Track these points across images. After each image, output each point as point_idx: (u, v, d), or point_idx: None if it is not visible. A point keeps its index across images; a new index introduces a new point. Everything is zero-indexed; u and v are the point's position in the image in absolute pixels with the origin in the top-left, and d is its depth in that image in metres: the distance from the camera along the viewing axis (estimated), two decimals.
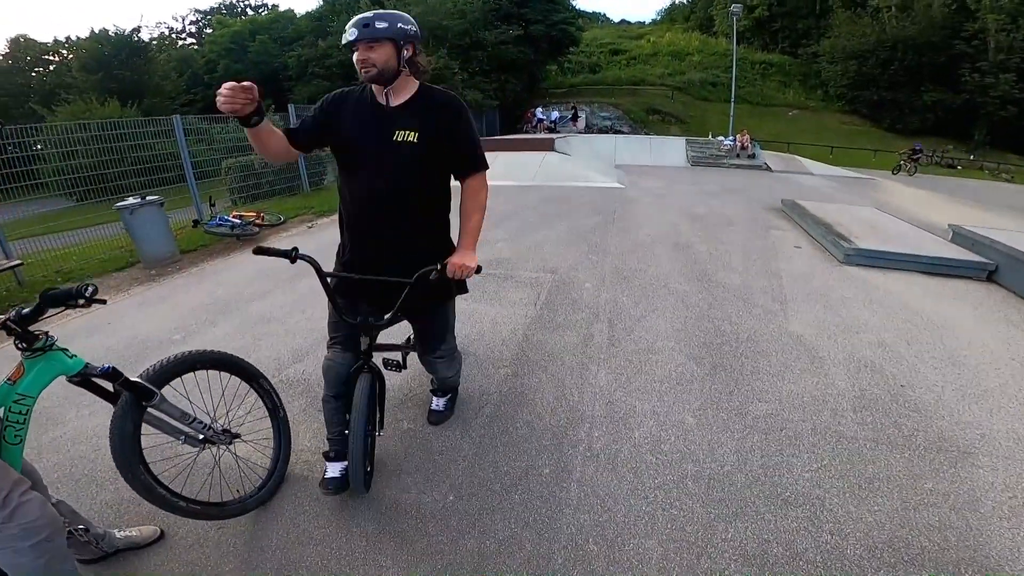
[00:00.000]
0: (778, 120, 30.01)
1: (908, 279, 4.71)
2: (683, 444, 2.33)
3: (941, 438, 2.40)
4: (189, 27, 48.17)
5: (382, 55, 1.69)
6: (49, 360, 1.48)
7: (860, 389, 2.82)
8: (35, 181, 6.66)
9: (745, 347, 3.29)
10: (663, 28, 44.99)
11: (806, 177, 14.32)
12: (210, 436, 1.84)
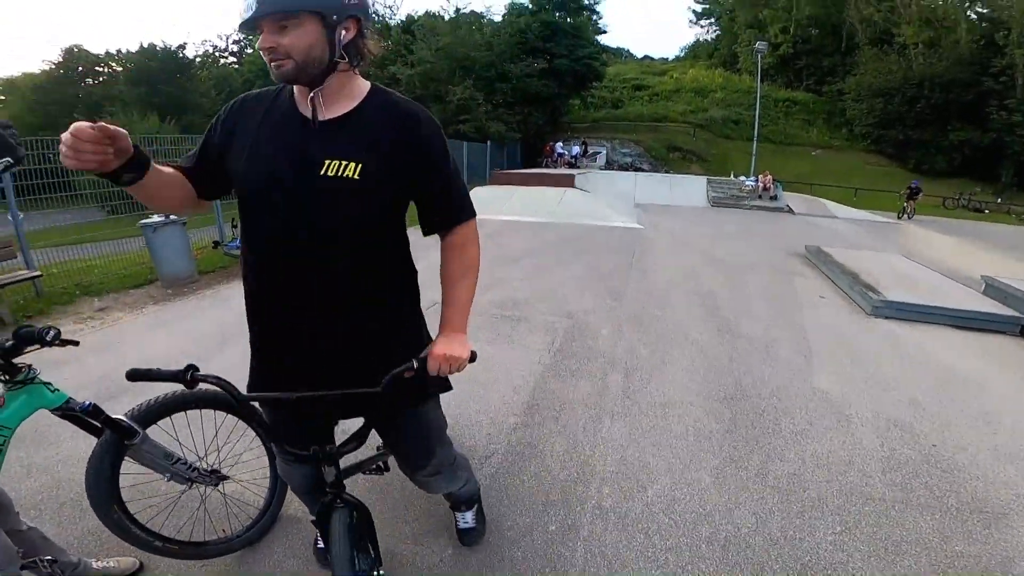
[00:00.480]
0: (801, 160, 29.90)
1: (939, 333, 4.57)
2: (698, 504, 2.22)
3: (974, 499, 2.33)
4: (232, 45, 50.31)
5: (300, 39, 1.06)
6: (30, 393, 1.47)
7: (890, 449, 2.72)
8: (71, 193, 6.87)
9: (767, 403, 3.15)
10: (686, 64, 45.60)
11: (830, 220, 14.13)
12: (195, 477, 1.78)
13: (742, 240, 9.26)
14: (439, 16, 29.34)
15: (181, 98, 28.96)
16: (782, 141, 31.82)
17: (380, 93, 1.22)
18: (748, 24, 39.86)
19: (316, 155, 1.13)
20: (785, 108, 35.33)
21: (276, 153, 1.15)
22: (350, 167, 1.13)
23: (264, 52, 1.07)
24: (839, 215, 15.35)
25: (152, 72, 28.57)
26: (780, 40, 37.26)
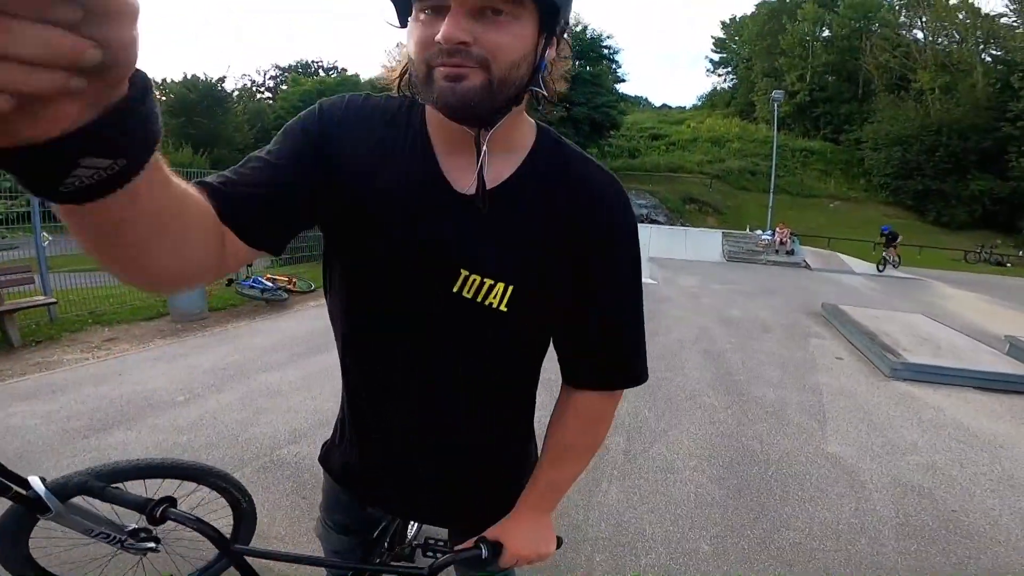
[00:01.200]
0: (818, 212, 29.78)
1: (961, 395, 4.40)
2: (704, 568, 2.12)
3: (996, 565, 2.27)
4: (268, 81, 52.63)
5: (515, 39, 0.61)
6: None
7: (905, 515, 2.60)
8: None
9: (775, 469, 3.01)
10: (703, 113, 46.45)
11: (847, 276, 13.94)
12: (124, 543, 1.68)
13: (757, 298, 9.12)
14: None
15: (215, 131, 29.91)
16: (799, 192, 31.81)
17: (548, 143, 0.78)
18: (765, 72, 40.69)
19: (451, 255, 0.71)
20: (802, 158, 35.47)
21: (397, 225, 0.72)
22: (496, 290, 0.71)
23: (435, 53, 0.60)
24: (857, 270, 15.14)
25: (191, 103, 29.60)
26: (797, 88, 37.81)
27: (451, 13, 0.58)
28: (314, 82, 43.68)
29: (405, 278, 0.73)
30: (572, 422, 0.85)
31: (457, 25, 0.57)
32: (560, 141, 0.79)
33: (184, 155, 21.40)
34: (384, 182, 0.71)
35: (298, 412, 3.43)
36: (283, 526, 2.26)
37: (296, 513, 2.37)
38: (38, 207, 5.70)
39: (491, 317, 0.72)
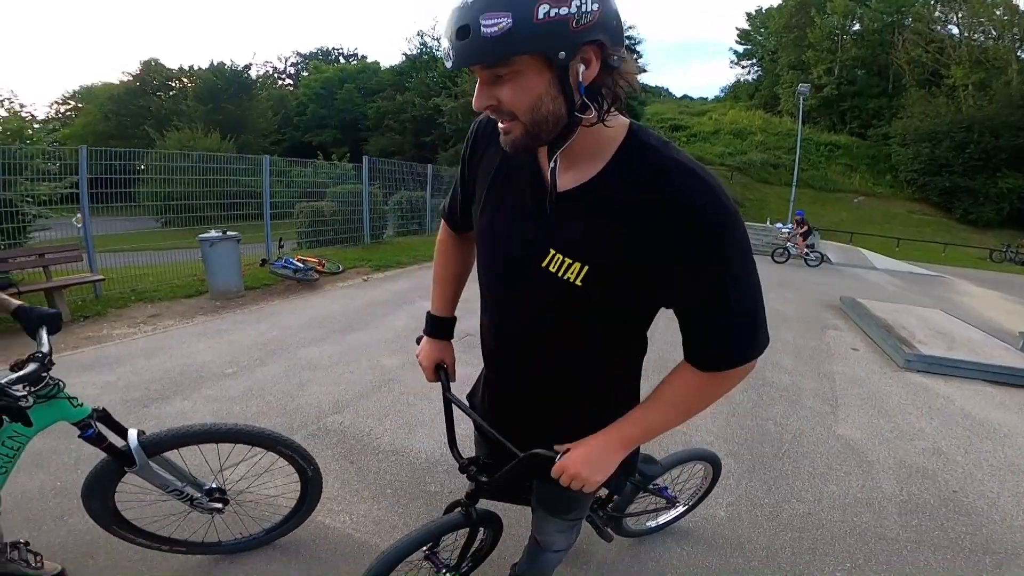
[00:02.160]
0: (842, 207, 29.30)
1: (972, 387, 4.50)
2: (711, 536, 2.29)
3: (989, 541, 2.39)
4: (289, 68, 53.12)
5: (522, 89, 0.75)
6: (52, 406, 1.47)
7: (908, 493, 2.76)
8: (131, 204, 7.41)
9: (789, 447, 3.17)
10: (726, 105, 45.66)
11: (869, 272, 13.81)
12: (197, 503, 1.78)
13: (775, 291, 9.14)
14: None
15: (241, 117, 30.43)
16: (822, 187, 31.29)
17: (635, 147, 0.85)
18: (791, 65, 39.85)
19: (543, 239, 0.90)
20: (827, 152, 34.80)
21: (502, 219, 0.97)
22: (573, 268, 0.86)
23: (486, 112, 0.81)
24: (879, 266, 14.98)
25: (218, 90, 30.15)
26: (824, 81, 36.98)
27: (477, 86, 0.78)
28: (335, 69, 43.90)
29: (510, 251, 0.96)
30: (677, 386, 0.96)
31: (480, 95, 0.78)
32: (648, 146, 0.84)
33: (212, 140, 21.84)
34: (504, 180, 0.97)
35: (339, 384, 3.67)
36: (334, 488, 2.44)
37: (345, 476, 2.58)
38: (86, 189, 6.02)
39: (569, 289, 0.88)
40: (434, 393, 3.59)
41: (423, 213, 13.34)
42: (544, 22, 0.68)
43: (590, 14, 0.70)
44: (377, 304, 6.17)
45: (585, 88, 0.75)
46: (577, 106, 0.76)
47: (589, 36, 0.71)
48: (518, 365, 1.08)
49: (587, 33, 0.71)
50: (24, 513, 2.12)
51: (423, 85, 30.79)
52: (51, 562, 1.81)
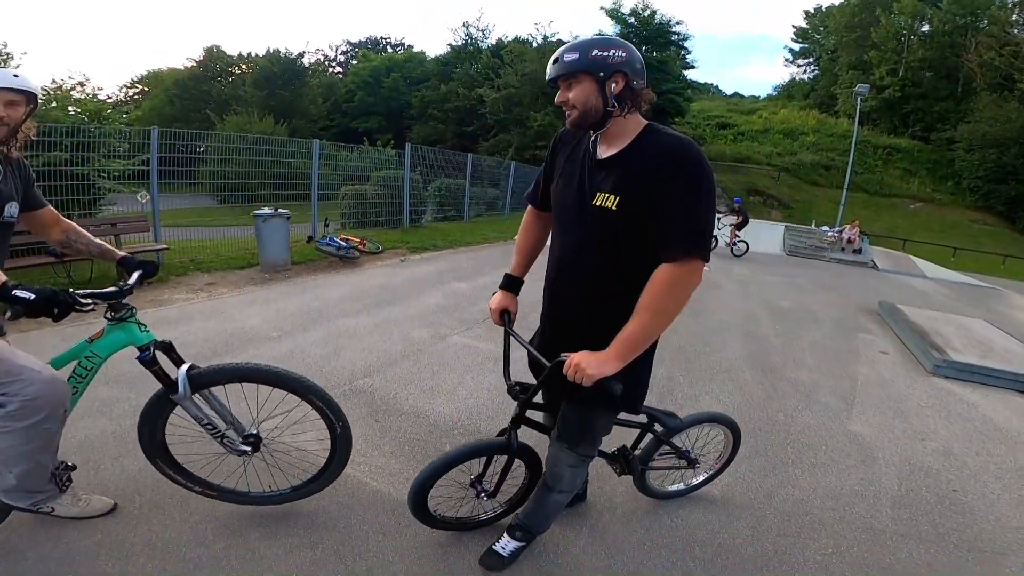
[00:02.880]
0: (896, 213, 28.01)
1: (999, 396, 4.39)
2: (701, 514, 2.38)
3: (978, 538, 2.40)
4: (339, 56, 54.55)
5: (580, 93, 1.39)
6: (124, 329, 1.69)
7: (906, 489, 2.78)
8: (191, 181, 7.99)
9: (794, 438, 3.24)
10: (778, 104, 44.16)
11: (918, 280, 13.24)
12: (228, 442, 1.93)
13: (813, 293, 8.98)
14: (527, 43, 30.52)
15: (294, 103, 31.59)
16: (877, 191, 29.95)
17: (651, 134, 1.42)
18: (851, 65, 38.12)
19: (592, 188, 1.45)
20: (885, 155, 33.28)
21: (568, 184, 1.54)
22: (610, 200, 1.40)
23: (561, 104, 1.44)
24: (929, 275, 14.31)
25: (273, 77, 31.39)
26: (887, 82, 35.23)
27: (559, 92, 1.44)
28: (383, 58, 44.79)
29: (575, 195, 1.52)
30: (649, 288, 1.36)
31: (561, 95, 1.44)
32: (657, 131, 1.43)
33: (266, 124, 22.80)
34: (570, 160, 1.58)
35: (371, 352, 3.97)
36: (358, 442, 2.57)
37: (369, 433, 2.82)
38: (156, 166, 6.56)
39: (609, 213, 1.41)
40: (456, 364, 3.91)
41: (461, 201, 13.66)
42: (594, 58, 1.35)
43: (619, 57, 1.37)
44: (412, 283, 6.50)
45: (614, 96, 1.38)
46: (609, 105, 1.39)
47: (618, 68, 1.37)
48: (572, 280, 1.56)
49: (617, 67, 1.36)
50: (86, 454, 2.36)
51: (467, 76, 31.11)
52: (104, 498, 2.01)
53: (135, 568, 1.78)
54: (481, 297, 5.95)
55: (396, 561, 1.93)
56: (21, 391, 1.49)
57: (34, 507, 1.65)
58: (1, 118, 1.52)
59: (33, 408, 1.50)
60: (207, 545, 1.91)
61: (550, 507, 1.89)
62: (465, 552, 2.01)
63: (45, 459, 1.60)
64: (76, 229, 1.95)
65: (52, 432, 1.58)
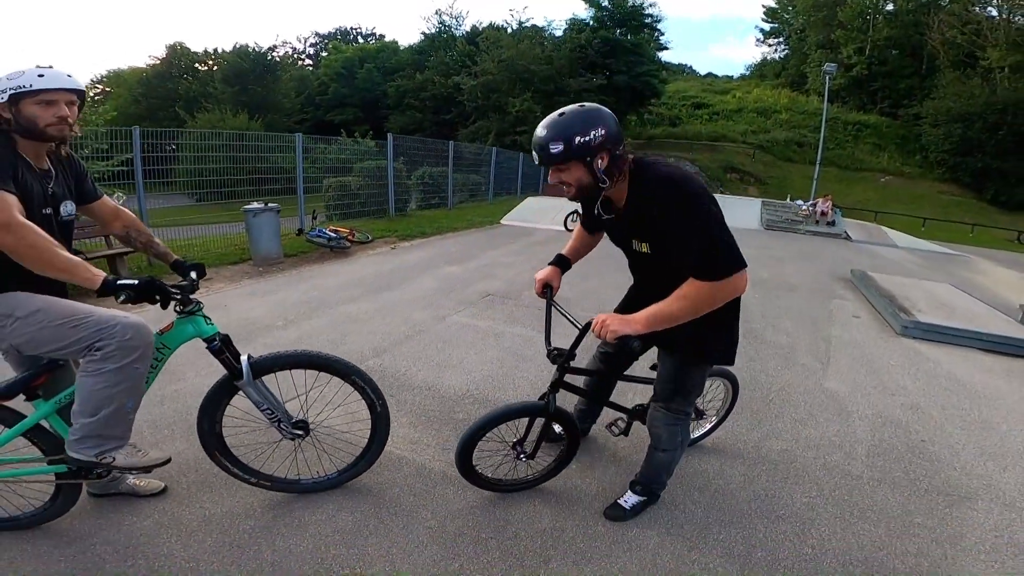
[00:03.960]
0: (867, 186, 28.81)
1: (964, 354, 4.71)
2: (696, 463, 2.61)
3: (946, 484, 2.60)
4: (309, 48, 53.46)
5: (573, 176, 1.54)
6: (192, 322, 1.82)
7: (879, 439, 3.03)
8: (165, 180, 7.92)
9: (776, 396, 3.51)
10: (751, 84, 44.73)
11: (889, 249, 13.76)
12: (283, 425, 2.04)
13: (789, 263, 9.33)
14: (503, 29, 30.38)
15: (267, 98, 31.08)
16: (848, 166, 30.73)
17: (636, 181, 1.60)
18: (819, 44, 38.77)
19: (626, 236, 1.76)
20: (855, 131, 34.06)
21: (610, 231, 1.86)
22: (644, 245, 1.69)
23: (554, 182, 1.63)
24: (900, 244, 14.86)
25: (244, 72, 30.79)
26: (854, 61, 35.97)
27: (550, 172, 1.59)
28: (355, 49, 44.03)
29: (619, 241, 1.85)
30: (679, 291, 1.57)
31: (552, 176, 1.60)
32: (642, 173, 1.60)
33: (240, 120, 22.47)
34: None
35: (376, 334, 4.15)
36: None
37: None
38: (140, 166, 6.57)
39: (647, 255, 1.71)
40: (458, 341, 4.15)
41: (445, 187, 13.78)
42: (578, 145, 1.48)
43: (600, 137, 1.49)
44: (405, 269, 6.67)
45: (603, 171, 1.54)
46: (601, 181, 1.56)
47: (601, 147, 1.50)
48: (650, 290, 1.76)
49: (599, 147, 1.50)
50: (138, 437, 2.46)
51: (442, 64, 30.90)
52: (155, 480, 2.15)
53: (196, 543, 1.94)
54: (473, 279, 6.15)
55: (429, 518, 2.14)
56: (119, 333, 1.61)
57: (98, 457, 1.70)
58: (66, 118, 1.62)
59: (130, 348, 1.63)
60: (257, 517, 2.08)
61: (657, 466, 2.12)
62: (491, 508, 2.23)
63: (130, 402, 1.70)
64: (137, 225, 2.05)
65: (141, 373, 1.70)
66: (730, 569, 1.95)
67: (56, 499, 1.89)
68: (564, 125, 1.49)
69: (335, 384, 2.12)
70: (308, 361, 2.03)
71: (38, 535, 1.91)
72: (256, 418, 2.11)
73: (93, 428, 1.67)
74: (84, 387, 1.63)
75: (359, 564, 1.88)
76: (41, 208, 1.64)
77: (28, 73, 1.58)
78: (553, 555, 1.98)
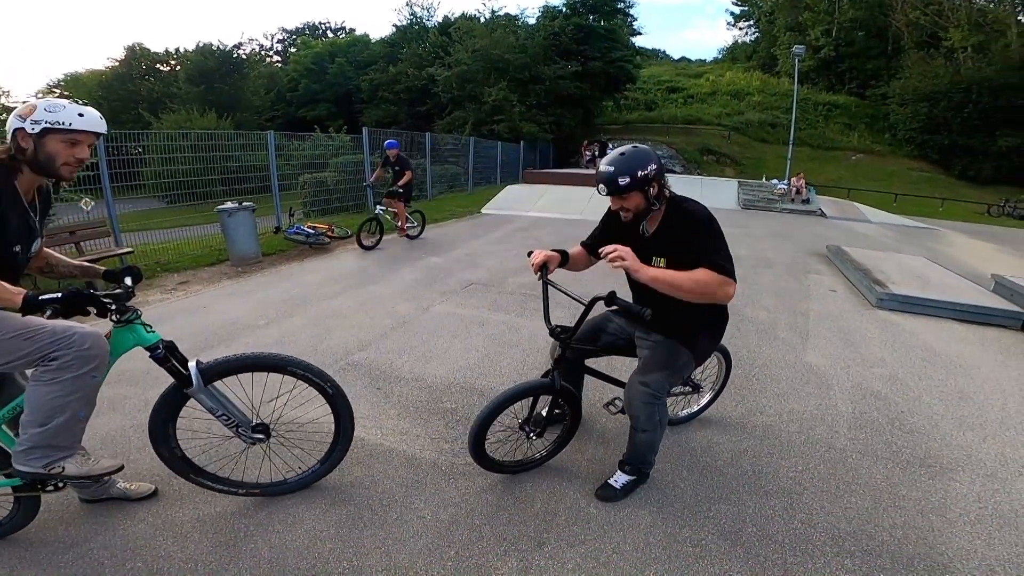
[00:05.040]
0: (839, 165, 29.31)
1: (939, 324, 4.83)
2: (684, 440, 2.66)
3: (928, 455, 2.66)
4: (276, 45, 52.25)
5: (633, 202, 1.91)
6: (131, 331, 1.74)
7: (860, 412, 3.09)
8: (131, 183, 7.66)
9: (759, 371, 3.57)
10: (723, 67, 44.99)
11: (862, 225, 14.07)
12: (242, 431, 1.99)
13: (767, 241, 9.49)
14: (475, 18, 30.05)
15: (235, 96, 30.31)
16: (820, 145, 31.19)
17: (671, 208, 1.98)
18: (788, 27, 39.09)
19: (648, 253, 1.98)
20: (825, 112, 34.52)
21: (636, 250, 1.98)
22: (661, 261, 1.97)
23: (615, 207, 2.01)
24: (873, 219, 15.20)
25: (209, 71, 29.96)
26: (822, 43, 36.41)
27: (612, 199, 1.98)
28: (324, 44, 43.17)
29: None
30: (692, 272, 1.83)
31: (614, 203, 2.01)
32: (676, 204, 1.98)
33: (209, 119, 21.89)
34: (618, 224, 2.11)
35: (361, 328, 4.11)
36: (365, 409, 2.85)
37: (374, 399, 3.00)
38: (107, 171, 6.36)
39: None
40: (442, 331, 4.14)
41: (424, 179, 13.63)
42: (639, 177, 1.86)
43: (653, 171, 1.88)
44: (387, 262, 6.61)
45: (654, 197, 1.92)
46: (653, 206, 1.93)
47: (654, 179, 1.89)
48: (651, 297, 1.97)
49: (654, 179, 1.89)
50: (111, 448, 2.45)
51: (415, 56, 30.46)
52: (144, 483, 2.12)
53: (192, 544, 1.92)
54: (456, 269, 6.13)
55: (422, 507, 2.14)
56: (77, 343, 1.58)
57: (46, 468, 1.65)
58: (83, 161, 1.58)
59: (88, 357, 1.60)
60: (251, 516, 2.07)
61: (640, 446, 2.18)
62: (483, 495, 2.24)
63: (82, 411, 1.66)
64: (52, 254, 1.96)
65: (97, 383, 1.66)
66: (722, 545, 1.99)
67: (17, 512, 1.85)
68: (627, 162, 1.87)
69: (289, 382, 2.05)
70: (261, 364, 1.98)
71: (34, 542, 1.89)
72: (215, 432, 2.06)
73: (43, 438, 1.62)
74: (36, 396, 1.59)
75: (355, 556, 1.88)
76: (12, 245, 1.59)
77: (69, 109, 1.55)
78: (547, 538, 1.99)
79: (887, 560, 1.94)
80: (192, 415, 1.97)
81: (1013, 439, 2.84)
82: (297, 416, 2.38)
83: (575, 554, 1.92)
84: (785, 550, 1.97)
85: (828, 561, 1.92)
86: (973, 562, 1.95)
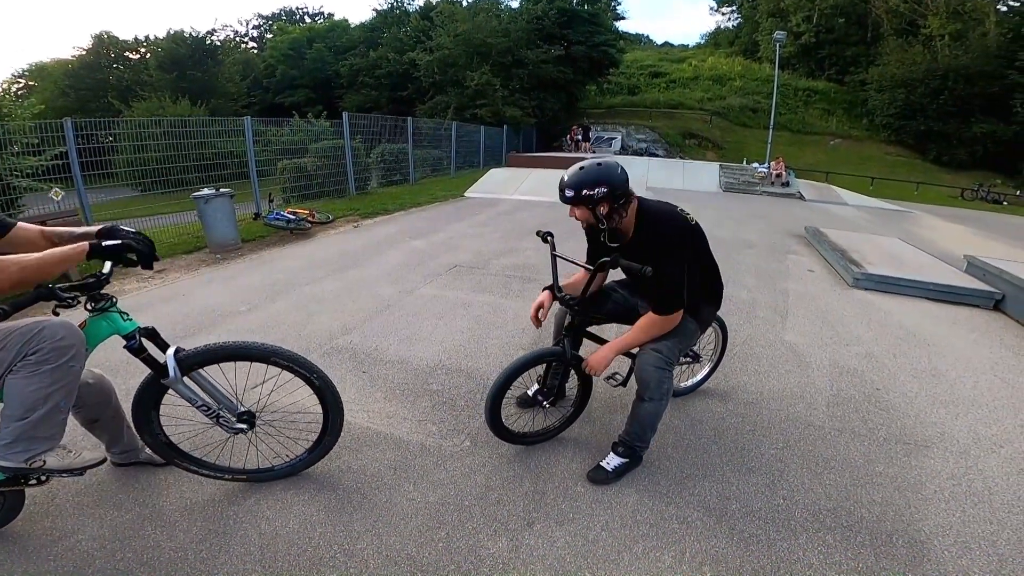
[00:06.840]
0: (818, 149, 29.71)
1: (913, 304, 4.94)
2: (667, 419, 2.65)
3: (903, 432, 2.71)
4: (252, 31, 50.87)
5: (581, 214, 2.04)
6: (107, 319, 1.71)
7: (837, 389, 3.15)
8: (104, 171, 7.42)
9: (739, 349, 3.62)
10: (706, 52, 45.08)
11: (840, 207, 14.32)
12: (223, 421, 1.95)
13: (747, 223, 9.60)
14: (457, 2, 29.54)
15: (209, 83, 29.55)
16: (800, 130, 31.57)
17: (642, 221, 2.07)
18: (770, 12, 39.26)
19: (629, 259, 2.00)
20: (805, 97, 34.91)
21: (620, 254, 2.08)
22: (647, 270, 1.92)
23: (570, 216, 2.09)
24: (850, 202, 15.48)
25: (181, 58, 29.15)
26: (803, 29, 36.65)
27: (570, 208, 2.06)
28: (302, 30, 42.11)
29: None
30: (641, 325, 2.06)
31: (571, 212, 2.08)
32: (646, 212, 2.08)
33: (182, 107, 21.28)
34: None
35: (344, 312, 4.06)
36: (352, 393, 2.82)
37: (360, 383, 2.97)
38: (76, 159, 6.16)
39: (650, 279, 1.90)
40: (427, 313, 4.13)
41: (406, 164, 13.53)
42: (584, 196, 1.95)
43: (601, 192, 1.94)
44: (370, 245, 6.54)
45: (604, 215, 2.00)
46: (601, 223, 2.02)
47: (601, 200, 1.95)
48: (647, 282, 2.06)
49: (602, 198, 1.95)
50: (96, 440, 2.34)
51: (396, 40, 29.96)
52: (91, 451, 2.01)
53: (181, 532, 1.89)
54: (439, 252, 6.09)
55: (411, 490, 2.14)
56: (49, 336, 1.54)
57: (27, 462, 1.62)
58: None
59: (65, 347, 1.56)
60: (239, 503, 2.04)
61: (644, 418, 2.16)
62: (472, 475, 2.24)
63: (64, 402, 1.63)
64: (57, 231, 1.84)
65: (77, 372, 1.63)
66: (707, 521, 2.02)
67: (2, 506, 1.81)
68: (579, 178, 1.96)
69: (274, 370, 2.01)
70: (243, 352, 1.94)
71: (23, 536, 1.86)
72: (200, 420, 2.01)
73: (23, 430, 1.58)
74: (16, 388, 1.55)
75: (346, 540, 1.87)
76: None
77: None
78: (536, 517, 2.01)
79: (866, 536, 1.97)
80: (178, 401, 1.93)
81: (984, 416, 2.91)
82: (285, 403, 2.36)
83: (564, 532, 1.94)
84: (769, 526, 2.01)
85: (810, 537, 1.96)
86: (949, 539, 1.98)
